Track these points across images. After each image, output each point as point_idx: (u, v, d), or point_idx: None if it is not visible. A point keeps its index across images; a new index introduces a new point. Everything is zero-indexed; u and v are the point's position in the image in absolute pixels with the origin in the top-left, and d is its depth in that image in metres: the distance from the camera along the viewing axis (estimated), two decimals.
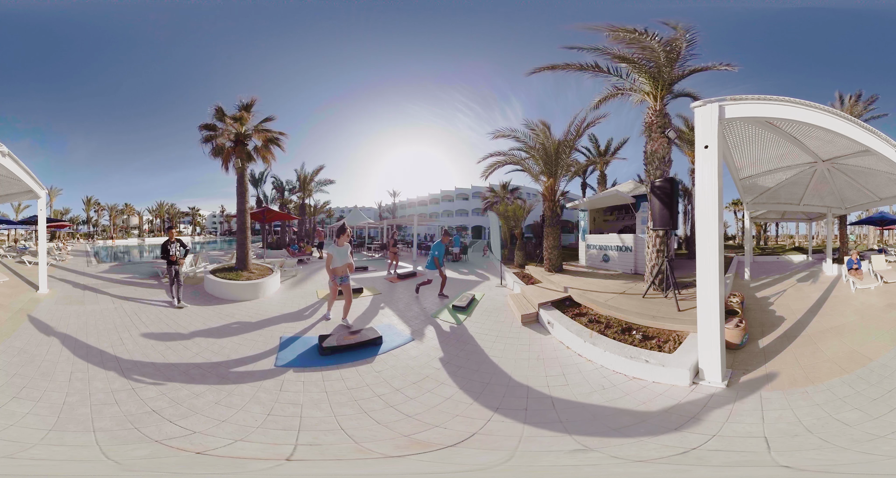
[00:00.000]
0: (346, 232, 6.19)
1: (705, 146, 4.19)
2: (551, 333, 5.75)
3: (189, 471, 2.72)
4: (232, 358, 4.80)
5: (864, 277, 8.49)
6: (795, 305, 6.90)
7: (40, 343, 5.10)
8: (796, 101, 4.02)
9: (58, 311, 6.78)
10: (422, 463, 2.83)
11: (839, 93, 15.99)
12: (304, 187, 27.57)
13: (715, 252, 4.08)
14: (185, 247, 7.90)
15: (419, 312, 7.05)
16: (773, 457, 2.65)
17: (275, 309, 7.27)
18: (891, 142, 3.93)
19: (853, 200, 9.92)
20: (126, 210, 51.75)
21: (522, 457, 2.86)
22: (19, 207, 37.69)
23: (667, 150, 7.86)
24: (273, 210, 19.43)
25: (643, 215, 10.28)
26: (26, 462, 2.65)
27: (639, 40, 7.15)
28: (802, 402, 3.42)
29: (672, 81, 7.73)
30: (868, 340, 4.87)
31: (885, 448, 2.68)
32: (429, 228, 37.60)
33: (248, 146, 10.29)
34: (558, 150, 10.69)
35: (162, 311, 6.96)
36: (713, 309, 4.06)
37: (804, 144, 6.21)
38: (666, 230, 7.36)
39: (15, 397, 3.62)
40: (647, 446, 2.92)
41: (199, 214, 63.52)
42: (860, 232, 33.15)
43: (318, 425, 3.31)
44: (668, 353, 4.41)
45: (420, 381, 4.25)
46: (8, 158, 7.45)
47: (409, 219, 26.07)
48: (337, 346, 4.96)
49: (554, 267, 10.82)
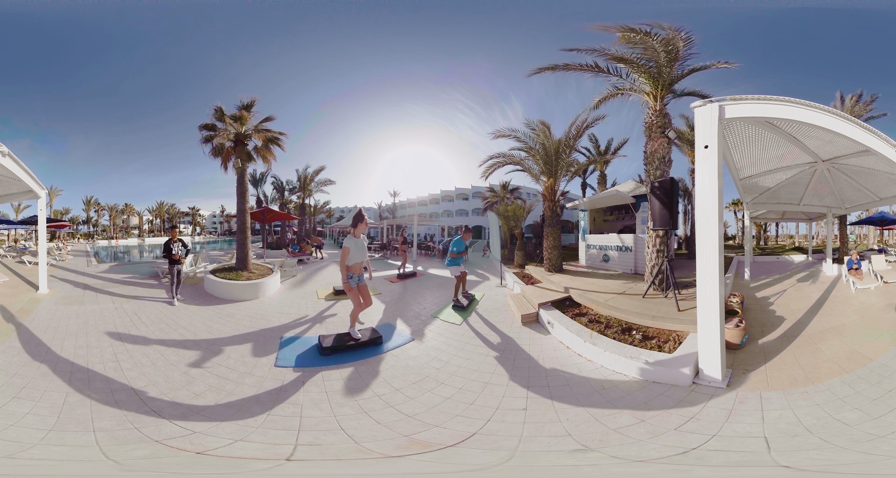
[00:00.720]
0: (365, 220, 5.20)
1: (705, 146, 4.19)
2: (551, 333, 5.75)
3: (189, 471, 2.72)
4: (232, 358, 4.80)
5: (864, 277, 8.49)
6: (795, 305, 6.90)
7: (40, 343, 5.10)
8: (796, 101, 4.02)
9: (58, 311, 6.78)
10: (422, 463, 2.83)
11: (840, 93, 15.98)
12: (304, 187, 27.59)
13: (715, 252, 4.07)
14: (186, 247, 8.14)
15: (419, 312, 7.05)
16: (773, 457, 2.65)
17: (275, 309, 7.27)
18: (891, 142, 3.92)
19: (853, 200, 9.92)
20: (126, 210, 51.77)
21: (522, 457, 2.86)
22: (19, 207, 37.70)
23: (667, 150, 7.86)
24: (273, 210, 19.41)
25: (643, 215, 10.28)
26: (26, 462, 2.65)
27: (644, 41, 7.15)
28: (802, 402, 3.42)
29: (672, 81, 7.73)
30: (868, 340, 4.87)
31: (885, 448, 2.68)
32: (429, 228, 37.61)
33: (248, 146, 10.29)
34: (558, 150, 10.69)
35: (162, 311, 6.96)
36: (713, 309, 4.05)
37: (804, 144, 6.21)
38: (666, 230, 7.36)
39: (15, 397, 3.62)
40: (647, 446, 2.92)
41: (199, 214, 63.54)
42: (860, 232, 33.15)
43: (318, 425, 3.31)
44: (668, 353, 4.41)
45: (420, 381, 4.25)
46: (8, 158, 7.45)
47: (409, 219, 26.05)
48: (337, 346, 4.96)
49: (554, 267, 10.81)
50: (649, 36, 7.09)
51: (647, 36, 7.10)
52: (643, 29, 7.07)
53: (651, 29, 7.07)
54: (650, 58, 7.48)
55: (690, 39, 7.18)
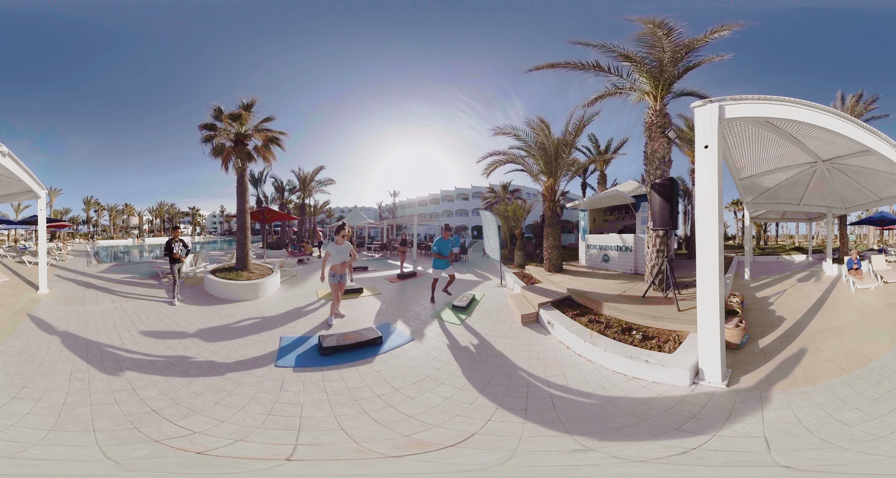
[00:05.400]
0: (345, 231, 6.33)
1: (705, 146, 4.19)
2: (551, 333, 5.75)
3: (189, 471, 2.72)
4: (232, 358, 4.80)
5: (864, 277, 8.49)
6: (795, 305, 6.90)
7: (40, 343, 5.10)
8: (796, 101, 4.02)
9: (58, 311, 6.78)
10: (422, 463, 2.83)
11: (841, 93, 15.99)
12: (304, 187, 27.57)
13: (715, 252, 4.08)
14: (186, 246, 8.21)
15: (419, 312, 7.05)
16: (773, 457, 2.65)
17: (275, 309, 7.26)
18: (891, 142, 3.92)
19: (853, 200, 9.92)
20: (126, 210, 51.76)
21: (522, 457, 2.86)
22: (19, 207, 37.66)
23: (667, 150, 7.86)
24: (273, 210, 19.41)
25: (643, 215, 10.27)
26: (26, 462, 2.65)
27: (659, 40, 7.12)
28: (802, 402, 3.42)
29: (671, 80, 7.73)
30: (868, 340, 4.87)
31: (885, 448, 2.68)
32: (429, 228, 37.62)
33: (248, 146, 10.29)
34: (558, 149, 10.69)
35: (162, 311, 6.96)
36: (713, 309, 4.05)
37: (804, 144, 6.21)
38: (666, 230, 7.36)
39: (15, 397, 3.62)
40: (647, 446, 2.92)
41: (199, 214, 63.54)
42: (860, 232, 33.15)
43: (318, 425, 3.31)
44: (668, 353, 4.41)
45: (420, 381, 4.25)
46: (8, 158, 7.45)
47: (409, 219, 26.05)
48: (337, 346, 4.96)
49: (554, 267, 10.81)
50: (670, 33, 7.04)
51: (668, 33, 7.04)
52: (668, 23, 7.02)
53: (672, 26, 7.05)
54: (656, 57, 7.48)
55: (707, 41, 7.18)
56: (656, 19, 7.02)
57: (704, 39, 7.16)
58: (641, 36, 7.28)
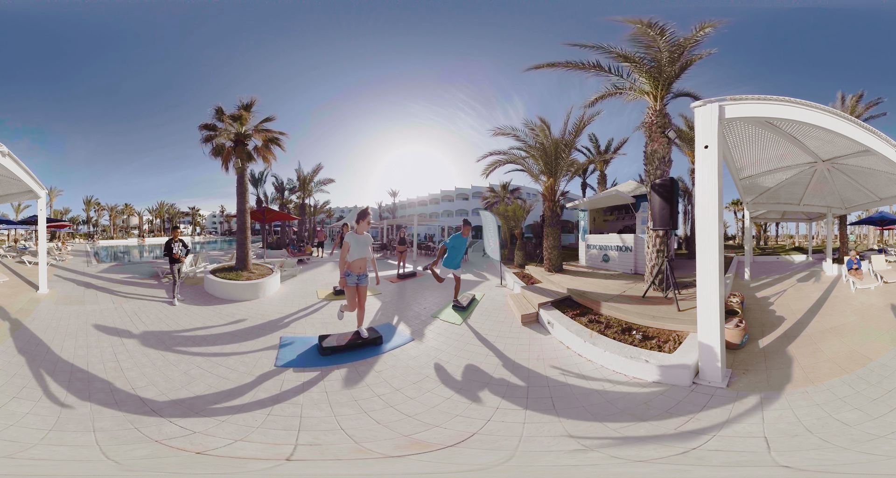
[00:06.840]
0: (369, 217, 4.97)
1: (705, 146, 4.19)
2: (551, 333, 5.75)
3: (189, 471, 2.72)
4: (232, 358, 4.80)
5: (864, 277, 8.49)
6: (795, 305, 6.90)
7: (40, 343, 5.10)
8: (796, 101, 4.02)
9: (58, 311, 6.78)
10: (422, 463, 2.83)
11: (841, 93, 15.96)
12: (304, 187, 27.56)
13: (715, 252, 4.08)
14: (186, 246, 8.23)
15: (419, 312, 7.05)
16: (773, 457, 2.65)
17: (275, 309, 7.26)
18: (891, 142, 3.92)
19: (853, 200, 9.92)
20: (126, 210, 51.75)
21: (522, 457, 2.86)
22: (19, 207, 37.64)
23: (667, 150, 7.86)
24: (273, 210, 19.41)
25: (643, 215, 10.28)
26: (26, 462, 2.65)
27: (654, 40, 7.15)
28: (802, 402, 3.42)
29: (670, 80, 7.73)
30: (868, 340, 4.87)
31: (885, 448, 2.68)
32: (429, 228, 37.59)
33: (248, 146, 10.30)
34: (557, 149, 10.69)
35: (162, 311, 6.96)
36: (713, 309, 4.05)
37: (804, 144, 6.21)
38: (666, 230, 7.36)
39: (15, 397, 3.62)
40: (647, 446, 2.92)
41: (199, 214, 63.48)
42: (860, 232, 33.13)
43: (318, 425, 3.31)
44: (668, 353, 4.41)
45: (420, 381, 4.25)
46: (8, 158, 7.45)
47: (409, 219, 26.05)
48: (337, 346, 4.95)
49: (554, 267, 10.81)
50: (663, 33, 7.07)
51: (661, 33, 7.07)
52: (659, 23, 7.06)
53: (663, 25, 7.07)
54: (653, 57, 7.49)
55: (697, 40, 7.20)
56: (643, 19, 7.05)
57: (694, 37, 7.18)
58: (635, 36, 7.30)
